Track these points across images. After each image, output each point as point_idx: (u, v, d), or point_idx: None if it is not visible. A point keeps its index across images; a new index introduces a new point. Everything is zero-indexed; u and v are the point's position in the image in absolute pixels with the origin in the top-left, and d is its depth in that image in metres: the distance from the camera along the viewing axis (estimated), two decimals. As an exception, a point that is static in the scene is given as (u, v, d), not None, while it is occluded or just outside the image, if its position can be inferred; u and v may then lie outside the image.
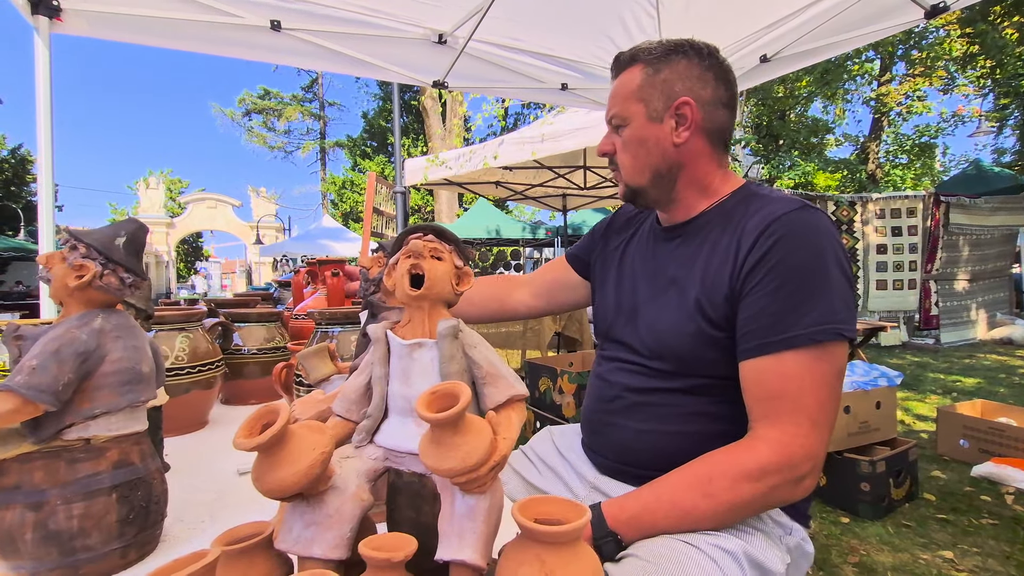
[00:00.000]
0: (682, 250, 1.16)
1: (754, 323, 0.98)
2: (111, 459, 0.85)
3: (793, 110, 18.52)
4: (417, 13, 2.88)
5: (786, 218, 1.00)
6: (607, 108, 1.21)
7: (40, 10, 2.25)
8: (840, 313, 0.95)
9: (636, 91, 1.14)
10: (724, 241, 1.07)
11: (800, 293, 0.95)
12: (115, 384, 0.85)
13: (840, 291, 0.97)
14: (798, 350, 0.94)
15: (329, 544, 0.64)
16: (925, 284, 8.23)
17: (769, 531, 1.04)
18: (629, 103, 1.15)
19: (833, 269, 0.97)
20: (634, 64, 1.17)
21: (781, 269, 0.97)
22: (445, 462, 0.57)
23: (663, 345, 1.11)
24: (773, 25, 2.95)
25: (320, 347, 1.13)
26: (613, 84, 1.21)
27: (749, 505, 0.94)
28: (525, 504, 0.62)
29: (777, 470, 0.92)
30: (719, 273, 1.05)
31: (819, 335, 0.93)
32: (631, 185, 1.19)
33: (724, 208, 1.15)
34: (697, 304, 1.06)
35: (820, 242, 0.98)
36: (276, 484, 0.59)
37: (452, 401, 0.58)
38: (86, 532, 0.80)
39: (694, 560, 0.96)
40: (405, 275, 0.71)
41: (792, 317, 0.95)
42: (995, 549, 2.69)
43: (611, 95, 1.20)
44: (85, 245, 0.84)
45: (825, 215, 1.04)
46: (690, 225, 1.18)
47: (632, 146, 1.16)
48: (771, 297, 0.97)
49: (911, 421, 4.79)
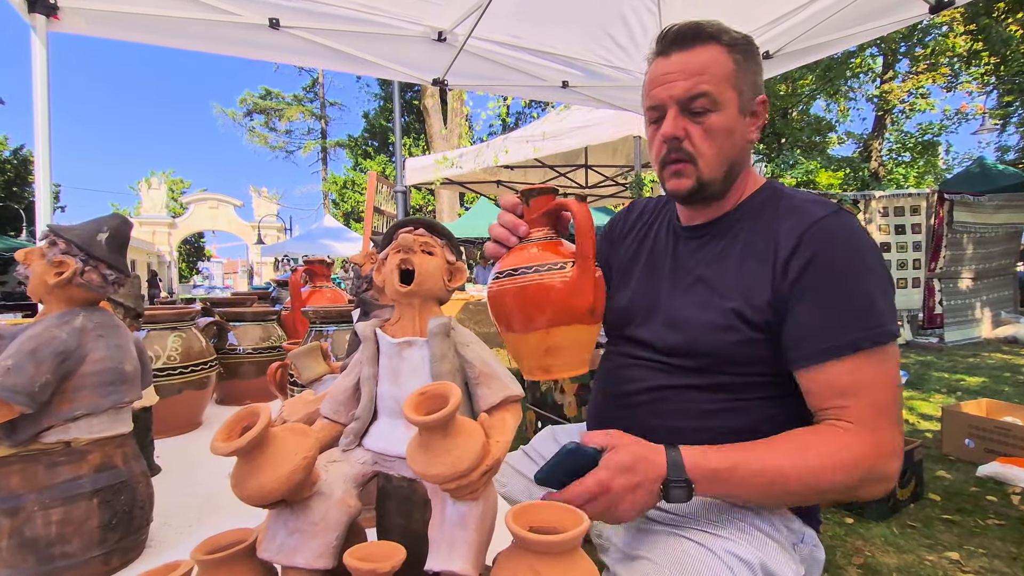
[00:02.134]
0: (709, 249, 1.14)
1: (811, 329, 0.97)
2: (93, 462, 0.82)
3: (796, 108, 18.46)
4: (416, 11, 2.85)
5: (823, 224, 1.00)
6: (674, 84, 1.05)
7: (37, 8, 2.22)
8: (892, 313, 0.97)
9: (731, 76, 1.05)
10: (757, 242, 1.06)
11: (854, 298, 0.95)
12: (97, 385, 0.82)
13: (884, 291, 0.97)
14: (865, 352, 0.93)
15: (314, 553, 0.61)
16: (929, 283, 8.17)
17: (783, 540, 1.02)
18: (725, 87, 1.04)
19: (876, 270, 0.98)
20: (715, 43, 1.06)
21: (829, 277, 0.97)
22: (433, 467, 0.54)
23: (688, 342, 1.08)
24: (775, 21, 2.92)
25: (312, 346, 1.10)
26: (678, 57, 1.06)
27: (835, 492, 0.93)
28: (520, 510, 0.59)
29: (871, 466, 0.91)
30: (758, 276, 1.03)
31: (880, 337, 0.94)
32: (706, 178, 1.08)
33: (751, 207, 1.12)
34: (733, 305, 1.04)
35: (860, 245, 0.99)
36: (256, 490, 0.56)
37: (442, 403, 0.55)
38: (65, 538, 0.77)
39: (708, 566, 0.93)
40: (395, 270, 0.68)
41: (851, 322, 0.94)
42: (1001, 550, 2.65)
43: (687, 70, 1.05)
44: (65, 241, 0.81)
45: (853, 215, 1.03)
46: (716, 224, 1.15)
47: (720, 136, 1.06)
48: (824, 304, 0.96)
49: (916, 421, 4.74)
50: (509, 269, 0.89)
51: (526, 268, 0.88)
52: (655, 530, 1.07)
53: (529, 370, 0.92)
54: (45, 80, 2.20)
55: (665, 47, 1.09)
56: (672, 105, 1.06)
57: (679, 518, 1.06)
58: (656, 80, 1.09)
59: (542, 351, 0.88)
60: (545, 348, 0.86)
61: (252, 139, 32.37)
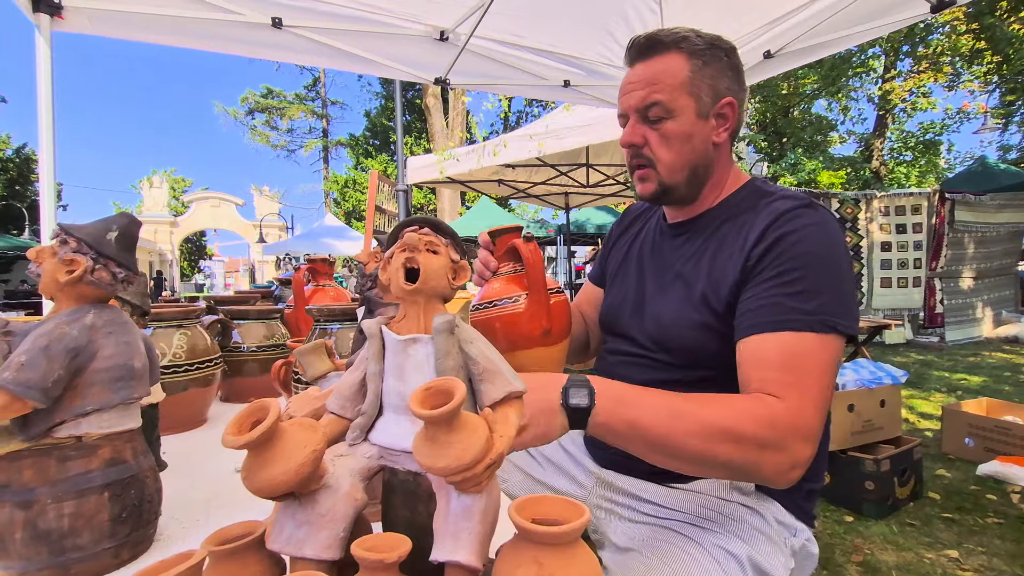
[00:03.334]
0: (689, 246, 1.16)
1: (755, 304, 0.97)
2: (103, 457, 0.83)
3: (798, 107, 18.44)
4: (418, 10, 2.86)
5: (792, 213, 1.01)
6: (632, 94, 1.11)
7: (41, 8, 2.24)
8: (840, 309, 0.94)
9: (686, 83, 1.07)
10: (732, 237, 1.08)
11: (803, 282, 0.95)
12: (107, 381, 0.83)
13: (841, 288, 0.96)
14: (801, 333, 0.92)
15: (322, 544, 0.63)
16: (930, 282, 8.17)
17: (773, 534, 1.03)
18: (678, 95, 1.07)
19: (838, 265, 0.97)
20: (675, 51, 1.09)
21: (785, 259, 0.97)
22: (439, 460, 0.56)
23: (668, 337, 1.11)
24: (777, 20, 2.93)
25: (317, 344, 1.12)
26: (639, 68, 1.12)
27: (738, 442, 0.85)
28: (522, 503, 0.60)
29: (784, 432, 0.86)
30: (725, 266, 1.05)
31: (818, 326, 0.92)
32: (667, 182, 1.12)
33: (731, 204, 1.15)
34: (703, 297, 1.06)
35: (824, 238, 0.99)
36: (266, 483, 0.58)
37: (446, 398, 0.57)
38: (77, 531, 0.79)
39: (696, 559, 0.95)
40: (400, 269, 0.70)
41: (795, 302, 0.94)
42: (1001, 548, 2.66)
43: (643, 80, 1.09)
44: (76, 239, 0.83)
45: (829, 213, 1.04)
46: (697, 222, 1.18)
47: (677, 141, 1.09)
48: (774, 283, 0.96)
49: (916, 420, 4.75)
50: (481, 303, 1.06)
51: (487, 303, 1.05)
52: (647, 526, 1.09)
53: None
54: (49, 79, 2.22)
55: (631, 58, 1.14)
56: (632, 113, 1.12)
57: (671, 512, 1.08)
58: (622, 90, 1.14)
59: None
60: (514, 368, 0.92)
61: (254, 138, 32.37)
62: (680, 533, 1.02)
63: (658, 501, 1.11)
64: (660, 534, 1.04)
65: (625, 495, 1.16)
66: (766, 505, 1.07)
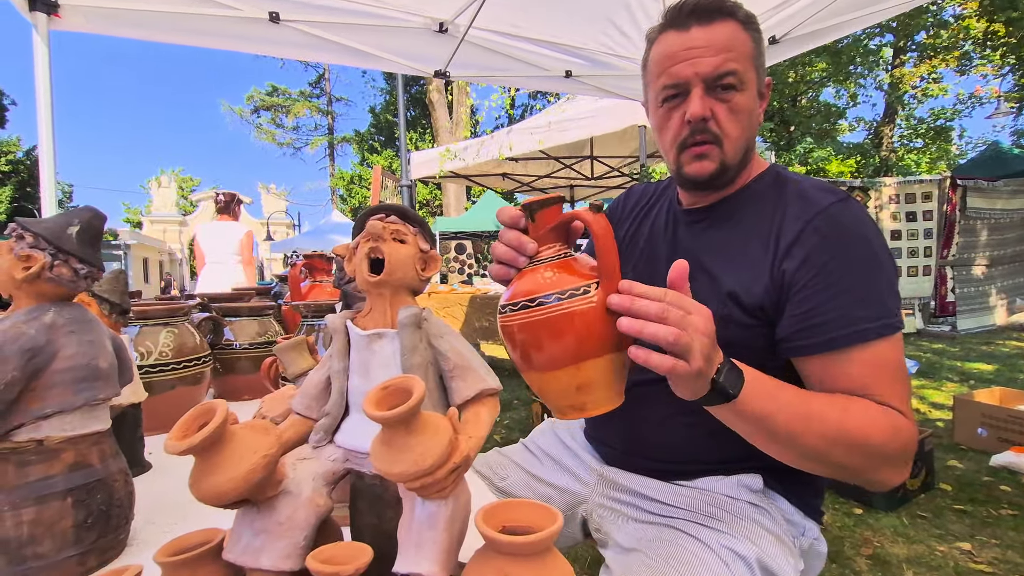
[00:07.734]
0: (711, 234, 1.09)
1: (815, 319, 0.92)
2: (66, 461, 0.80)
3: (805, 95, 18.24)
4: (416, 1, 2.82)
5: (830, 211, 0.96)
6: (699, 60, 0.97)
7: (37, 6, 2.21)
8: (895, 305, 0.93)
9: (753, 55, 1.00)
10: (760, 228, 1.01)
11: (863, 288, 0.92)
12: (69, 382, 0.80)
13: (890, 282, 0.94)
14: (873, 343, 0.90)
15: (279, 554, 0.59)
16: (941, 270, 8.05)
17: (782, 533, 0.99)
18: (748, 66, 0.98)
19: (884, 261, 0.95)
20: (734, 19, 0.99)
21: (837, 265, 0.92)
22: (396, 465, 0.52)
23: None
24: (782, 5, 2.86)
25: (298, 340, 1.08)
26: (699, 32, 0.98)
27: (865, 451, 0.85)
28: (492, 510, 0.56)
29: (906, 443, 0.87)
30: (757, 261, 0.99)
31: (887, 330, 0.90)
32: (729, 161, 1.02)
33: (754, 191, 1.08)
34: (731, 291, 1.00)
35: (866, 234, 0.95)
36: (212, 491, 0.54)
37: (405, 397, 0.52)
38: (37, 539, 0.75)
39: (703, 561, 0.91)
40: (364, 260, 0.65)
41: (861, 311, 0.90)
42: (1015, 540, 2.59)
43: (714, 46, 0.97)
44: (33, 234, 0.79)
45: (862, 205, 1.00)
46: (717, 208, 1.10)
47: (744, 116, 1.00)
48: (833, 292, 0.92)
49: (927, 410, 4.67)
50: (524, 300, 0.76)
51: (544, 297, 0.75)
52: (652, 525, 1.05)
53: (561, 410, 0.80)
54: (47, 78, 2.20)
55: (682, 20, 1.00)
56: (698, 83, 0.98)
57: (676, 510, 1.04)
58: (676, 55, 0.99)
59: (573, 389, 0.76)
60: (577, 385, 0.75)
61: (260, 136, 32.47)
62: (686, 533, 0.98)
63: (663, 499, 1.07)
64: (665, 534, 1.00)
65: (628, 493, 1.12)
66: (774, 503, 1.03)
